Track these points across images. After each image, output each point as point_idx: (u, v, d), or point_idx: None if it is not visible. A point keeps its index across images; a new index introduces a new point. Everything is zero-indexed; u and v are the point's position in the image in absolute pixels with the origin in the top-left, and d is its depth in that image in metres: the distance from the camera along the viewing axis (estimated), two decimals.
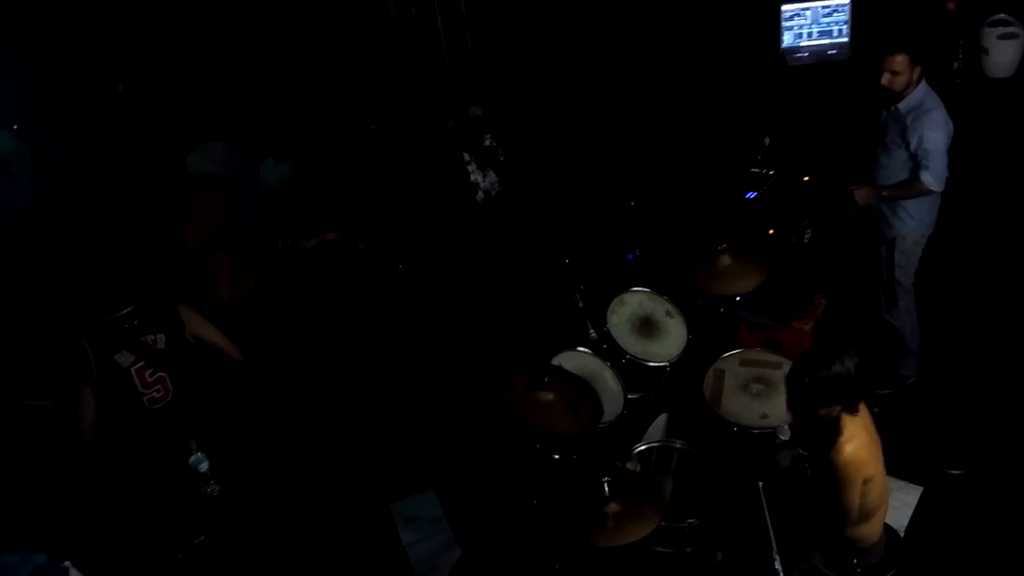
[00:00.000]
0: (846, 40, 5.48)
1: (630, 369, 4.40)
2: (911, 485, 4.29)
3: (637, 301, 4.59)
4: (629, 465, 4.04)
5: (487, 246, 4.85)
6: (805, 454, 3.52)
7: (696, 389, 4.22)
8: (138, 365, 3.63)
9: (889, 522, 3.47)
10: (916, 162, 4.24)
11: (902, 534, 3.91)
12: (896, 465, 3.41)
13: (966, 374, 4.80)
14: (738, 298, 4.59)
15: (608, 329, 4.48)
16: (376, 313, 5.36)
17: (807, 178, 5.12)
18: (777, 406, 3.99)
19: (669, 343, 4.48)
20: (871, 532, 3.30)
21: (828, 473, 3.11)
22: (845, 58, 5.49)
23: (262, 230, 4.82)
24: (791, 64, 5.54)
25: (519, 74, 6.31)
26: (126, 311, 3.64)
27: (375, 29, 6.41)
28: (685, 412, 4.32)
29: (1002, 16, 5.18)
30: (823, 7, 5.46)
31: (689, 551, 3.78)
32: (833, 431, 3.10)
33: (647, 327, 4.54)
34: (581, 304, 4.56)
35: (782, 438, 3.64)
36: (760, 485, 3.31)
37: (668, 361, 4.42)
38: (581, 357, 4.36)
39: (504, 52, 6.38)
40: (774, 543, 3.19)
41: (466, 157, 4.69)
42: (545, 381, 3.79)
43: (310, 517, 4.35)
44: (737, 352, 4.37)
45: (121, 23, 6.61)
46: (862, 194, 4.36)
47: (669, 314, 4.54)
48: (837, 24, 5.48)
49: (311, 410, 4.97)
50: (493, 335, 4.89)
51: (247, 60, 6.40)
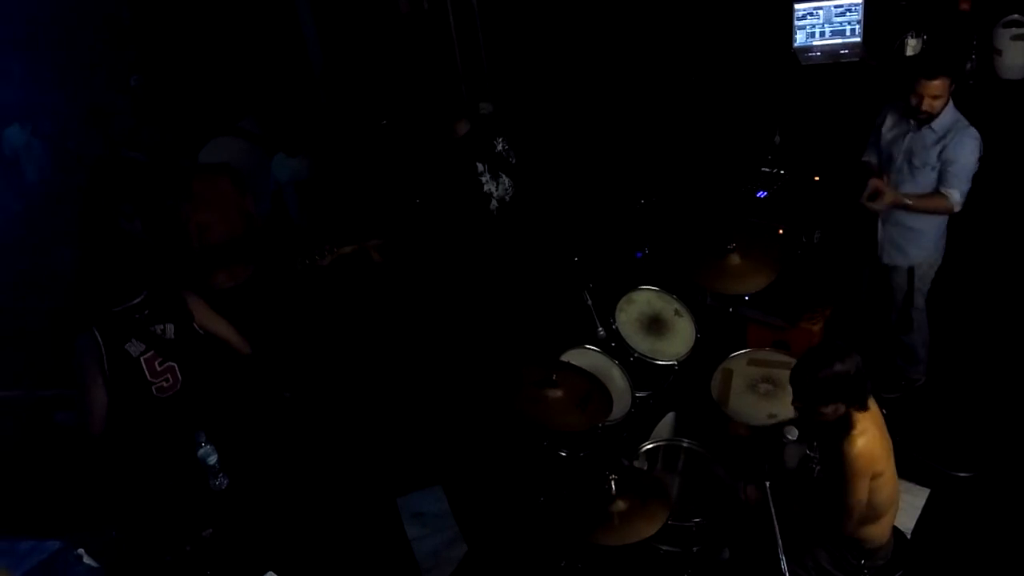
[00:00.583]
0: (859, 40, 5.46)
1: (638, 367, 4.40)
2: (918, 487, 4.28)
3: (646, 299, 4.59)
4: (636, 463, 4.04)
5: (497, 244, 4.85)
6: (812, 454, 3.52)
7: (704, 388, 4.22)
8: (148, 355, 3.64)
9: (897, 524, 3.46)
10: (943, 179, 4.16)
11: (909, 536, 3.91)
12: (903, 467, 3.40)
13: (974, 377, 4.79)
14: (747, 298, 4.58)
15: (616, 327, 4.48)
16: (385, 307, 5.38)
17: (818, 178, 5.11)
18: (785, 406, 3.97)
19: (677, 342, 4.48)
20: (880, 533, 3.29)
21: (838, 467, 3.11)
22: (857, 58, 5.47)
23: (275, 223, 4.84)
24: (803, 63, 5.53)
25: (530, 71, 6.30)
26: (136, 301, 3.65)
27: (387, 25, 6.41)
28: (693, 411, 4.32)
29: (1016, 17, 5.14)
30: (836, 6, 5.43)
31: (696, 550, 3.78)
32: (845, 425, 3.10)
33: (655, 325, 4.53)
34: (590, 302, 4.56)
35: (789, 438, 3.64)
36: (767, 484, 3.31)
37: (676, 360, 4.41)
38: (589, 355, 4.36)
39: (515, 49, 6.37)
40: (780, 543, 3.20)
41: (479, 168, 4.67)
42: (553, 378, 3.80)
43: (317, 511, 4.36)
44: (746, 352, 4.36)
45: (134, 18, 6.64)
46: (890, 197, 4.21)
47: (678, 313, 4.54)
48: (850, 23, 5.46)
49: (319, 404, 4.99)
50: (502, 332, 4.89)
51: (259, 55, 6.41)
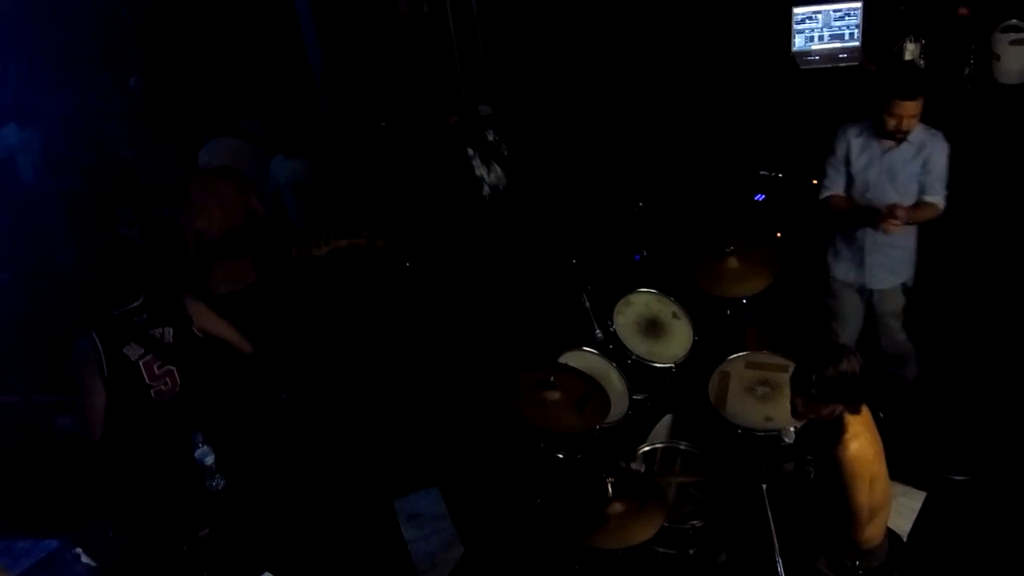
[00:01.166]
0: (857, 44, 5.46)
1: (635, 370, 4.40)
2: (914, 490, 4.28)
3: (644, 302, 4.60)
4: (633, 465, 4.05)
5: (494, 245, 4.85)
6: (809, 457, 3.53)
7: (701, 391, 4.22)
8: (146, 358, 3.65)
9: (892, 527, 3.47)
10: (927, 188, 4.13)
11: (905, 539, 3.91)
12: (900, 470, 3.41)
13: (970, 380, 4.79)
14: (744, 301, 4.59)
15: (614, 329, 4.49)
16: (382, 309, 5.38)
17: (816, 181, 5.11)
18: (782, 409, 3.99)
19: (675, 344, 4.49)
20: (874, 534, 3.30)
21: (835, 473, 3.12)
22: (856, 62, 5.47)
23: (275, 232, 4.83)
24: (802, 67, 5.53)
25: (529, 74, 6.31)
26: (135, 304, 3.66)
27: (387, 27, 6.42)
28: (690, 414, 4.32)
29: (1014, 22, 5.15)
30: (835, 10, 5.44)
31: (692, 553, 3.79)
32: (837, 430, 3.11)
33: (653, 328, 4.54)
34: (587, 304, 4.57)
35: (786, 441, 3.65)
36: (764, 487, 3.32)
37: (674, 362, 4.42)
38: (587, 357, 4.37)
39: (515, 52, 6.38)
40: (777, 546, 3.20)
41: (470, 152, 4.70)
42: (551, 380, 3.80)
43: (314, 512, 4.36)
44: (743, 355, 4.37)
45: (134, 18, 6.64)
46: (904, 215, 4.04)
47: (675, 315, 4.55)
48: (849, 28, 5.47)
49: (316, 406, 4.99)
50: (499, 334, 4.89)
51: (259, 57, 6.42)
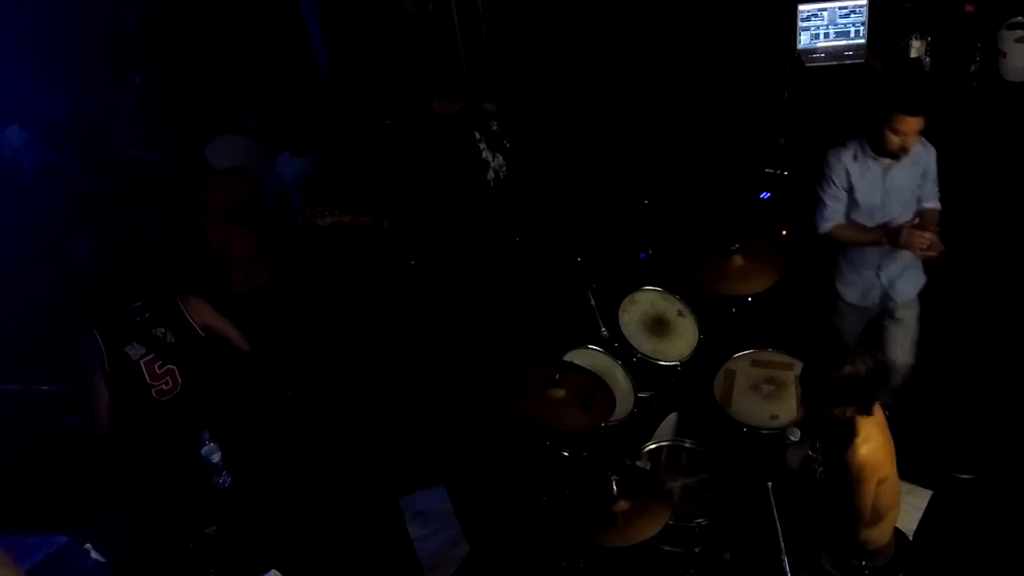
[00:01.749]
0: (863, 41, 5.45)
1: (641, 368, 4.40)
2: (920, 489, 4.28)
3: (649, 300, 4.60)
4: (638, 463, 4.05)
5: (500, 242, 4.86)
6: (814, 455, 3.53)
7: (707, 389, 4.22)
8: (148, 357, 3.66)
9: (898, 526, 3.47)
10: (927, 195, 4.11)
11: (911, 538, 3.91)
12: (905, 468, 3.40)
13: (975, 378, 4.78)
14: (750, 299, 4.59)
15: (619, 327, 4.49)
16: (387, 306, 5.38)
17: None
18: (787, 407, 3.99)
19: (680, 342, 4.49)
20: (881, 535, 3.30)
21: (842, 474, 3.11)
22: (862, 59, 5.46)
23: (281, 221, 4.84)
24: (807, 65, 5.52)
25: (534, 71, 6.31)
26: (138, 304, 3.67)
27: (392, 25, 6.42)
28: (695, 412, 4.32)
29: (1020, 19, 5.14)
30: (840, 8, 5.43)
31: (697, 551, 3.79)
32: (848, 432, 3.10)
33: (658, 326, 4.54)
34: (593, 302, 4.57)
35: (792, 439, 3.64)
36: (769, 486, 3.32)
37: (679, 361, 4.42)
38: (592, 355, 4.37)
39: (520, 50, 6.38)
40: (782, 544, 3.20)
41: (476, 135, 4.72)
42: (557, 378, 3.81)
43: (320, 510, 4.37)
44: (748, 352, 4.37)
45: (139, 16, 6.64)
46: (932, 236, 3.96)
47: (681, 313, 4.55)
48: (854, 25, 5.45)
49: (322, 403, 4.99)
50: (505, 332, 4.89)
51: (264, 56, 6.42)
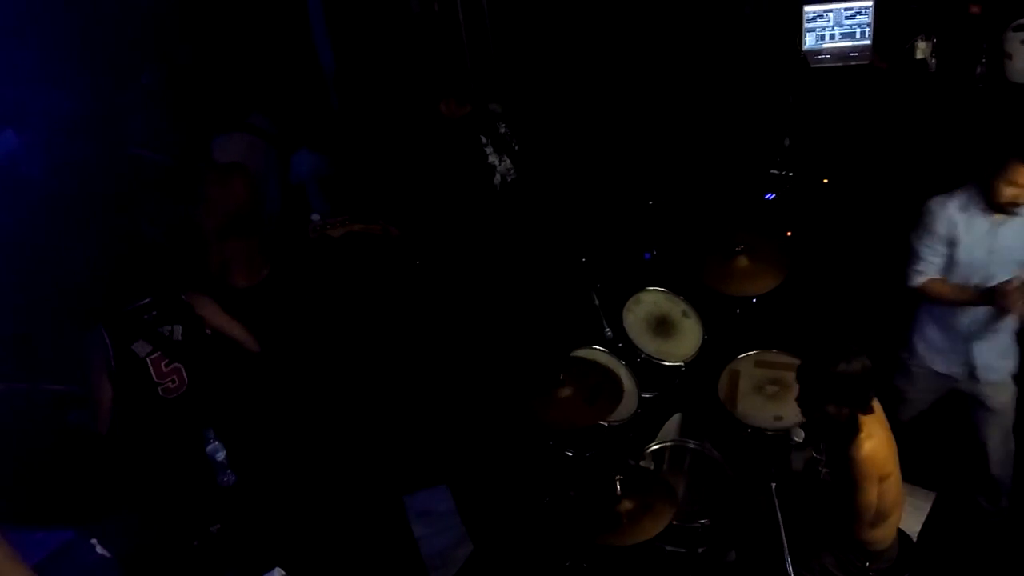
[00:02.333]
0: (868, 43, 5.45)
1: (645, 368, 4.41)
2: (924, 491, 4.27)
3: (653, 300, 4.60)
4: (642, 464, 4.05)
5: (504, 240, 4.86)
6: (819, 456, 3.52)
7: (711, 390, 4.22)
8: (154, 355, 3.67)
9: (902, 527, 3.46)
10: None
11: (915, 539, 3.90)
12: (909, 470, 3.40)
13: None
14: (754, 300, 4.59)
15: (624, 328, 4.49)
16: (392, 306, 5.39)
17: (826, 180, 5.11)
18: (791, 408, 3.97)
19: (685, 343, 4.49)
20: (885, 535, 3.30)
21: (846, 471, 3.11)
22: (867, 61, 5.46)
23: (288, 220, 4.83)
24: (812, 66, 5.52)
25: (540, 72, 6.31)
26: (145, 302, 3.68)
27: (398, 25, 6.43)
28: (699, 412, 4.32)
29: None
30: (846, 9, 5.42)
31: (701, 551, 3.79)
32: (852, 429, 3.10)
33: (663, 327, 4.54)
34: (597, 302, 4.57)
35: (796, 440, 3.64)
36: (773, 486, 3.32)
37: (683, 361, 4.42)
38: (596, 355, 4.37)
39: (525, 50, 6.38)
40: (786, 544, 3.20)
41: (483, 139, 4.71)
42: (561, 378, 3.81)
43: (324, 509, 4.38)
44: (753, 353, 4.36)
45: (145, 15, 6.65)
46: None
47: (685, 314, 4.55)
48: (860, 26, 5.45)
49: (326, 402, 5.00)
50: (510, 332, 4.90)
51: (270, 56, 6.42)
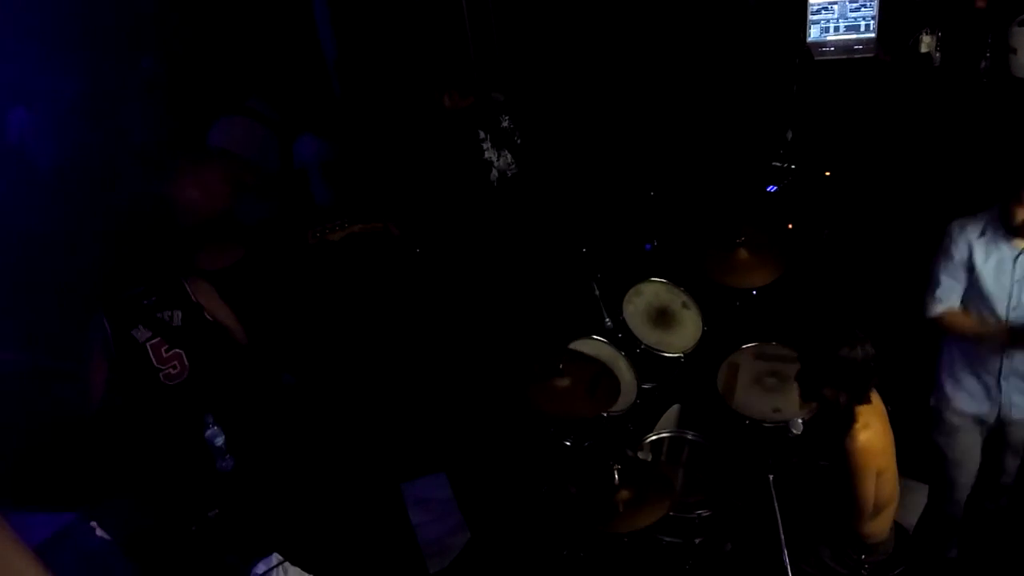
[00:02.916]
0: (873, 36, 5.43)
1: (644, 359, 4.41)
2: (919, 484, 4.28)
3: (654, 291, 4.60)
4: (640, 454, 4.06)
5: (504, 232, 4.85)
6: (817, 449, 3.53)
7: (710, 381, 4.23)
8: (154, 341, 3.67)
9: (898, 520, 3.47)
10: None
11: (911, 532, 3.92)
12: (905, 464, 3.40)
13: None
14: (754, 292, 4.59)
15: (624, 318, 4.49)
16: (392, 295, 5.39)
17: (828, 173, 5.09)
18: (790, 401, 4.00)
19: (684, 334, 4.49)
20: (881, 528, 3.31)
21: (842, 463, 3.12)
22: (872, 54, 5.44)
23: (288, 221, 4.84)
24: (816, 58, 5.51)
25: (542, 62, 6.29)
26: (143, 287, 3.68)
27: (400, 12, 6.41)
28: (698, 404, 4.33)
29: None
30: (851, 1, 5.41)
31: (698, 542, 3.80)
32: (848, 419, 3.11)
33: (663, 318, 4.54)
34: (597, 293, 4.57)
35: (794, 432, 3.65)
36: (770, 478, 3.32)
37: (683, 352, 4.42)
38: (596, 345, 4.37)
39: (528, 39, 6.36)
40: (782, 536, 3.21)
41: (481, 134, 4.70)
42: (560, 368, 3.82)
43: (322, 495, 4.39)
44: (752, 346, 4.37)
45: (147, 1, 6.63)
46: None
47: (685, 305, 4.55)
48: (864, 19, 5.43)
49: (325, 389, 5.01)
50: (509, 321, 4.90)
51: (272, 43, 6.41)
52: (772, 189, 5.13)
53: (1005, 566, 3.99)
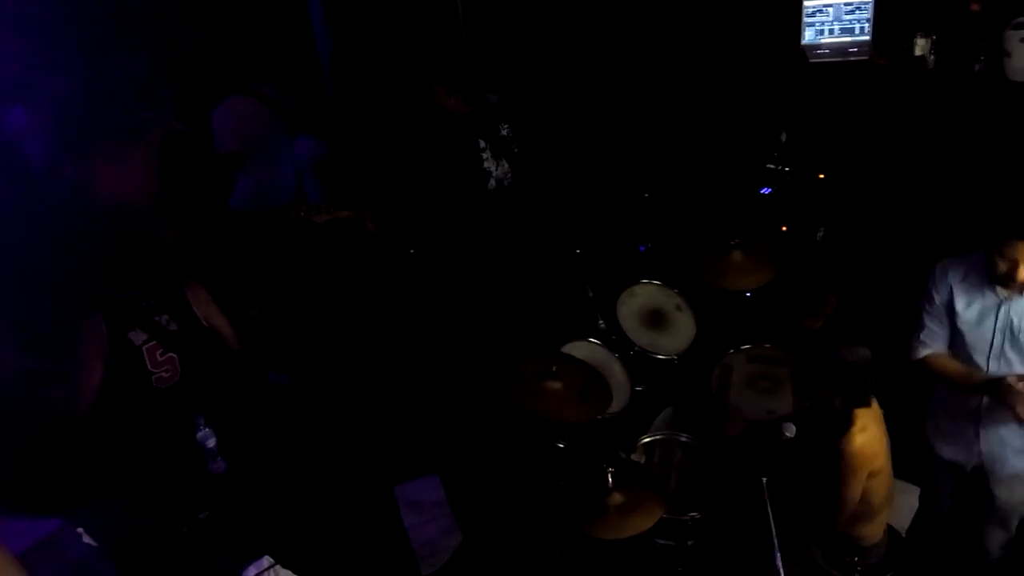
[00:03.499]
0: (868, 38, 5.44)
1: (638, 361, 4.40)
2: (913, 486, 4.28)
3: (647, 293, 4.59)
4: (633, 456, 4.05)
5: (498, 233, 4.85)
6: (810, 450, 3.52)
7: (703, 383, 4.22)
8: (149, 344, 3.65)
9: (891, 523, 3.47)
10: None
11: (904, 535, 3.92)
12: (899, 466, 3.40)
13: None
14: (748, 294, 4.59)
15: (618, 320, 4.48)
16: (384, 296, 5.38)
17: (823, 176, 5.09)
18: (784, 403, 3.99)
19: (678, 336, 4.49)
20: (874, 531, 3.30)
21: (834, 463, 3.12)
22: (866, 56, 5.45)
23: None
24: (811, 61, 5.51)
25: (537, 62, 6.29)
26: (140, 290, 3.66)
27: (395, 11, 6.40)
28: (691, 406, 4.32)
29: None
30: (845, 4, 5.41)
31: (691, 544, 3.80)
32: (845, 421, 3.11)
33: (656, 320, 4.54)
34: (591, 294, 4.57)
35: (787, 434, 3.64)
36: (764, 480, 3.32)
37: (676, 354, 4.42)
38: (590, 347, 4.36)
39: (523, 40, 6.36)
40: (775, 539, 3.20)
41: (481, 144, 4.68)
42: (553, 370, 3.81)
43: (314, 497, 4.37)
44: (746, 348, 4.36)
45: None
46: None
47: (679, 308, 4.54)
48: (859, 22, 5.44)
49: (317, 391, 4.99)
50: (502, 323, 4.89)
51: (267, 42, 6.39)
52: (766, 191, 5.12)
53: (998, 569, 3.99)
